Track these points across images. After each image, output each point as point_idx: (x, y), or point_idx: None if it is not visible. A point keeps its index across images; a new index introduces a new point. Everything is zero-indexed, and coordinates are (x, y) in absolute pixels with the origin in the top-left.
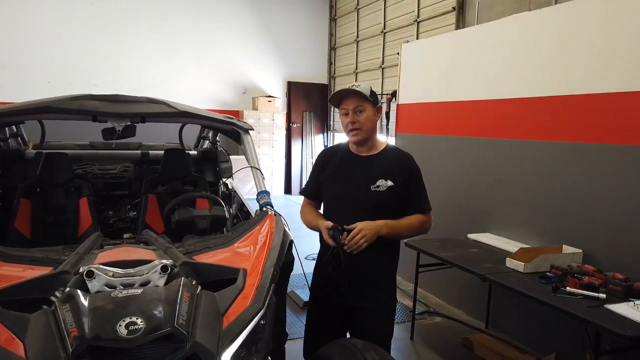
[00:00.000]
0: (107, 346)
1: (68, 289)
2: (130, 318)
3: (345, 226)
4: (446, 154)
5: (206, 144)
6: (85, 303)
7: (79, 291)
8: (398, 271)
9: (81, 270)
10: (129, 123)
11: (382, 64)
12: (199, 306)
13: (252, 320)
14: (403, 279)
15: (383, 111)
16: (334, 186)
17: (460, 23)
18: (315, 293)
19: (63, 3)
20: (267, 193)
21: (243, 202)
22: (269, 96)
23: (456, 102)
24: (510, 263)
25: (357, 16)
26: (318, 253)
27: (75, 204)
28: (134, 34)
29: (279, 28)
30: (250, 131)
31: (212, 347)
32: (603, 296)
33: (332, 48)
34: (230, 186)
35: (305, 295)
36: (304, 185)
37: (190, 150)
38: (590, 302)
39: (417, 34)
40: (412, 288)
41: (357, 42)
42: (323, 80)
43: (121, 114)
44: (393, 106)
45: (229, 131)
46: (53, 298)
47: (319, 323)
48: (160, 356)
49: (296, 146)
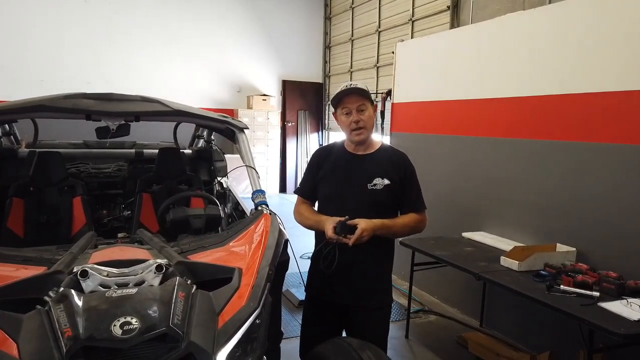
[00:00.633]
0: (102, 346)
1: (62, 289)
2: (124, 318)
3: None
4: (441, 153)
5: (201, 143)
6: (79, 303)
7: (73, 291)
8: (393, 270)
9: (75, 270)
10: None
11: (377, 63)
12: (194, 306)
13: (248, 319)
14: (398, 278)
15: (378, 110)
16: (331, 185)
17: (454, 22)
18: (311, 292)
19: (56, 1)
20: (262, 192)
21: (238, 201)
22: (264, 95)
23: (451, 101)
24: (504, 261)
25: (352, 15)
26: (313, 252)
27: (68, 203)
28: (128, 32)
29: (274, 26)
30: (245, 130)
31: (208, 347)
32: (597, 294)
33: (327, 47)
34: (225, 185)
35: (300, 294)
36: (299, 184)
37: (184, 149)
38: (584, 300)
39: (412, 33)
40: (407, 287)
41: (352, 41)
42: (318, 79)
43: (115, 113)
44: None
45: (224, 130)
46: (47, 298)
47: (315, 322)
48: (155, 356)
49: (291, 145)
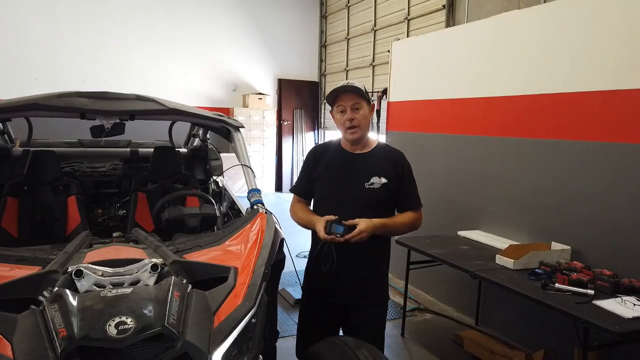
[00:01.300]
0: (97, 346)
1: (56, 289)
2: (119, 317)
3: (344, 222)
4: (437, 152)
5: (196, 142)
6: (74, 303)
7: (68, 291)
8: (389, 269)
9: (70, 269)
10: (118, 120)
11: (373, 62)
12: (190, 305)
13: (244, 318)
14: (394, 276)
15: (374, 108)
16: (327, 184)
17: (450, 21)
18: (307, 291)
19: None
20: (258, 191)
21: (234, 200)
22: (260, 93)
23: (447, 100)
24: (499, 260)
25: (348, 13)
26: (309, 251)
27: (63, 203)
28: (123, 31)
29: (270, 25)
30: (240, 129)
31: (203, 346)
32: (591, 292)
33: (323, 45)
34: (220, 184)
35: (296, 293)
36: (294, 183)
37: (180, 148)
38: (578, 298)
39: (408, 32)
40: (403, 285)
41: (348, 40)
42: (314, 77)
43: (110, 112)
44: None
45: (219, 129)
46: (41, 298)
47: (312, 321)
48: (150, 356)
49: (287, 144)
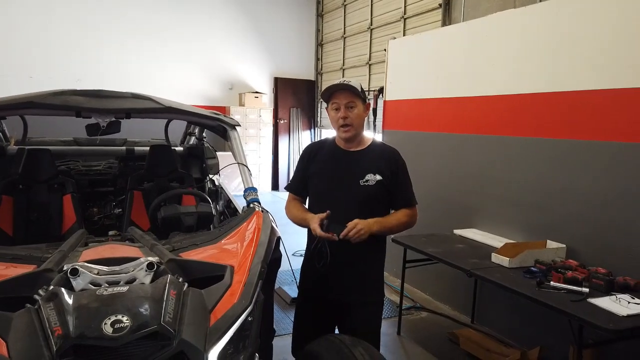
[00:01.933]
0: (92, 345)
1: (52, 287)
2: (115, 316)
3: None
4: (433, 151)
5: (192, 140)
6: (69, 301)
7: (63, 289)
8: (385, 267)
9: (65, 268)
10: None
11: (369, 61)
12: (186, 303)
13: (240, 317)
14: (390, 275)
15: (370, 107)
16: (322, 181)
17: (446, 20)
18: (303, 289)
19: None
20: (254, 189)
21: (230, 199)
22: (256, 92)
23: (443, 99)
24: (495, 258)
25: (344, 12)
26: (305, 250)
27: (58, 201)
28: (119, 28)
29: (266, 23)
30: (237, 127)
31: (199, 345)
32: (586, 290)
33: (319, 44)
34: (217, 183)
35: (292, 291)
36: (289, 180)
37: (176, 146)
38: (573, 296)
39: (404, 31)
40: (399, 284)
41: (344, 39)
42: (310, 76)
43: (105, 110)
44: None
45: (216, 127)
46: (36, 296)
47: (308, 319)
48: (146, 354)
49: (283, 142)
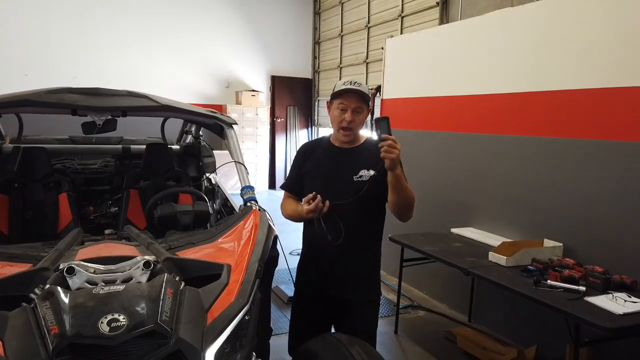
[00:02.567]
0: (89, 343)
1: (48, 286)
2: (112, 315)
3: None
4: (430, 149)
5: (189, 139)
6: (65, 300)
7: (59, 288)
8: (382, 266)
9: (61, 266)
10: (110, 117)
11: (367, 59)
12: (183, 302)
13: (237, 316)
14: (387, 274)
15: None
16: (318, 179)
17: (443, 18)
18: (300, 288)
19: None
20: (251, 188)
21: (227, 197)
22: (253, 90)
23: (440, 98)
24: (492, 257)
25: (341, 10)
26: (302, 249)
27: (54, 200)
28: (115, 26)
29: (263, 21)
30: (233, 125)
31: (196, 343)
32: (583, 289)
33: (316, 42)
34: (213, 181)
35: (290, 290)
36: (285, 179)
37: (172, 144)
38: (570, 295)
39: (401, 29)
40: (396, 282)
41: (342, 37)
42: (307, 74)
43: (101, 108)
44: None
45: (212, 125)
46: (32, 295)
47: (304, 318)
48: (143, 353)
49: (280, 141)
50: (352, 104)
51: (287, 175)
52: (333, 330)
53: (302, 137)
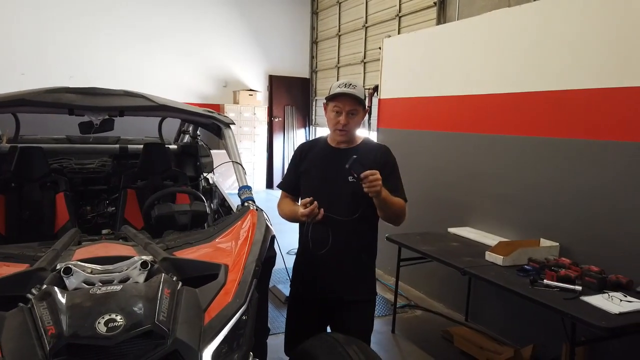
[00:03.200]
0: (86, 344)
1: (45, 286)
2: (109, 315)
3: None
4: (427, 149)
5: (186, 138)
6: (62, 300)
7: (56, 288)
8: (380, 265)
9: (58, 267)
10: (107, 117)
11: (364, 59)
12: (180, 302)
13: (234, 316)
14: (384, 273)
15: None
16: (313, 179)
17: (441, 18)
18: (295, 288)
19: None
20: (249, 188)
21: (224, 197)
22: (250, 90)
23: (437, 97)
24: (489, 256)
25: (339, 10)
26: (298, 247)
27: (51, 200)
28: (112, 26)
29: (261, 21)
30: (231, 125)
31: (194, 344)
32: (579, 288)
33: (314, 42)
34: (211, 181)
35: (287, 290)
36: (282, 179)
37: (170, 144)
38: (566, 294)
39: (399, 29)
40: (394, 282)
41: (339, 36)
42: (305, 74)
43: (99, 108)
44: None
45: (210, 125)
46: (29, 295)
47: (300, 318)
48: (140, 353)
49: (278, 140)
50: (347, 107)
51: (284, 175)
52: (329, 330)
53: (300, 137)
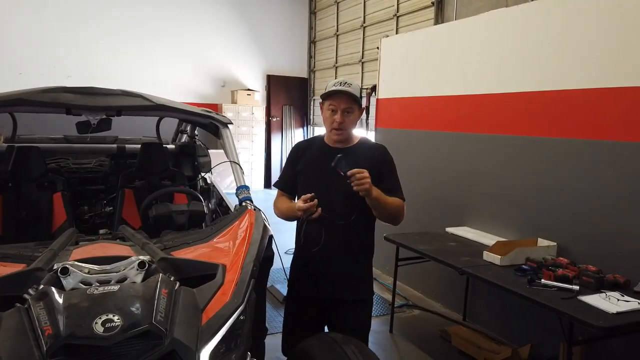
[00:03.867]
0: (83, 344)
1: (42, 286)
2: (106, 315)
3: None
4: (425, 149)
5: (184, 138)
6: (59, 300)
7: (54, 288)
8: (377, 265)
9: (55, 267)
10: (104, 116)
11: (362, 58)
12: (178, 302)
13: (232, 315)
14: (382, 273)
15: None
16: (310, 178)
17: (439, 18)
18: (292, 288)
19: None
20: (247, 188)
21: (222, 197)
22: (249, 89)
23: (435, 97)
24: (487, 256)
25: (337, 9)
26: (295, 246)
27: (49, 199)
28: (109, 25)
29: (259, 20)
30: (229, 125)
31: (191, 344)
32: (576, 288)
33: (312, 41)
34: (209, 181)
35: (285, 289)
36: (278, 178)
37: (167, 144)
38: (564, 294)
39: (397, 29)
40: (391, 281)
41: (337, 36)
42: (303, 74)
43: (96, 107)
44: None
45: (208, 125)
46: (26, 296)
47: (297, 318)
48: (138, 353)
49: (276, 140)
50: (342, 105)
51: (281, 174)
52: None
53: (298, 137)
